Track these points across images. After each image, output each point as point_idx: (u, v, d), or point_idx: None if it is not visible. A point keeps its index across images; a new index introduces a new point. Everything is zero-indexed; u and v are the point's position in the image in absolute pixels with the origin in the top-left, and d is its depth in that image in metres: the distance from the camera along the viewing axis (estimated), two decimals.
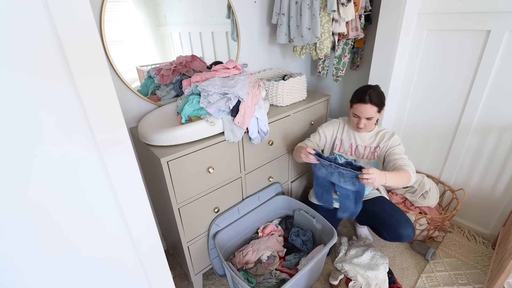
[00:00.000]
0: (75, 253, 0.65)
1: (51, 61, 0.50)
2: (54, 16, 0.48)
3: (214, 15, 1.52)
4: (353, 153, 1.52)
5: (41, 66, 0.50)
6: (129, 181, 0.67)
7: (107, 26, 1.17)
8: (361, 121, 1.40)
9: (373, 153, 1.47)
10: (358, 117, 1.40)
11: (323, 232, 1.51)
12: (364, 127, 1.41)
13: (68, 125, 0.55)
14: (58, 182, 0.57)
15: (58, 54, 0.51)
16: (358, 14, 1.62)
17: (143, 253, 0.77)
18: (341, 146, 1.55)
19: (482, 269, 1.56)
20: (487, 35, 1.41)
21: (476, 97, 1.54)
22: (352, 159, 1.51)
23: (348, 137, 1.53)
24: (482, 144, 1.61)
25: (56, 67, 0.51)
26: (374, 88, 1.37)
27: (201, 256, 1.44)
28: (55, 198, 0.58)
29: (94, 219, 0.65)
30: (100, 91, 0.57)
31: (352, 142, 1.52)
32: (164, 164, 1.11)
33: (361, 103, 1.36)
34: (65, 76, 0.52)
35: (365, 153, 1.49)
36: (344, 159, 1.53)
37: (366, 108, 1.35)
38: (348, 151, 1.53)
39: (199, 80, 1.28)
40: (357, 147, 1.50)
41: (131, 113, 1.37)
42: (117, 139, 0.62)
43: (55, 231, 0.60)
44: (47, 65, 0.50)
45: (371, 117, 1.37)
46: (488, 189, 1.67)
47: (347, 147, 1.53)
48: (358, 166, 1.21)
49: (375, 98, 1.34)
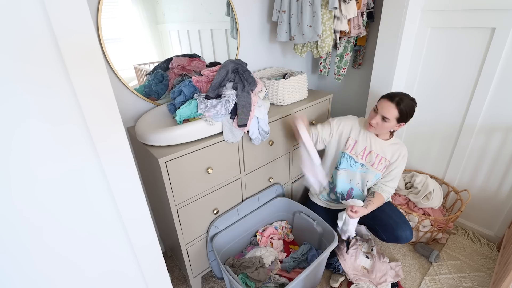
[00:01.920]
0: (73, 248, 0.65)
1: (46, 59, 0.50)
2: (49, 13, 0.48)
3: (214, 13, 1.52)
4: (364, 157, 1.48)
5: (35, 64, 0.50)
6: (126, 181, 0.67)
7: (104, 23, 1.17)
8: (375, 117, 1.36)
9: (383, 165, 1.46)
10: (375, 112, 1.38)
11: (324, 235, 1.51)
12: (375, 125, 1.38)
13: (63, 126, 0.55)
14: (54, 184, 0.57)
15: (54, 52, 0.50)
16: (360, 12, 1.62)
17: (141, 255, 0.77)
18: (354, 148, 1.50)
19: (487, 271, 1.56)
20: (492, 33, 1.41)
21: (480, 96, 1.54)
22: (361, 164, 1.49)
23: (364, 140, 1.48)
24: (487, 144, 1.61)
25: (52, 65, 0.51)
26: (410, 98, 1.34)
27: (200, 259, 1.44)
28: (52, 200, 0.58)
29: (89, 218, 0.65)
30: (97, 90, 0.57)
31: (366, 145, 1.47)
32: (162, 165, 1.11)
33: (388, 100, 1.34)
34: (61, 74, 0.52)
35: (376, 161, 1.46)
36: (353, 161, 1.50)
37: (389, 106, 1.32)
38: (360, 154, 1.49)
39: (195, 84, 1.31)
40: (370, 153, 1.46)
41: (128, 113, 1.37)
42: (114, 139, 0.62)
43: (52, 231, 0.60)
44: (42, 63, 0.50)
45: (388, 118, 1.33)
46: (493, 190, 1.67)
47: (359, 150, 1.49)
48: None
49: (404, 105, 1.31)
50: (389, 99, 1.34)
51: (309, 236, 1.59)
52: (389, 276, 1.48)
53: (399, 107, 1.31)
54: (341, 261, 1.52)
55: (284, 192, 1.74)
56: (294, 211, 1.67)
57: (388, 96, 1.35)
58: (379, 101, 1.39)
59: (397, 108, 1.31)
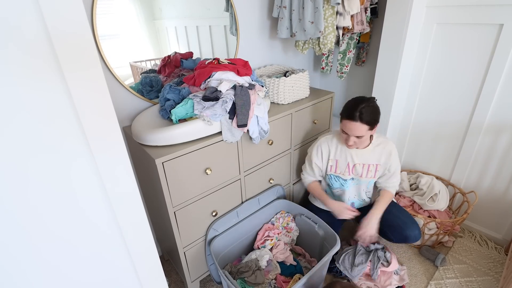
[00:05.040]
0: (66, 254, 0.65)
1: (39, 56, 0.50)
2: (43, 8, 0.48)
3: (212, 8, 1.52)
4: (350, 172, 1.49)
5: (28, 60, 0.49)
6: (122, 183, 0.67)
7: (99, 19, 1.17)
8: (350, 139, 1.33)
9: (373, 172, 1.47)
10: (347, 134, 1.34)
11: (325, 238, 1.51)
12: (354, 144, 1.36)
13: (57, 124, 0.55)
14: (48, 184, 0.57)
15: (47, 49, 0.50)
16: (363, 7, 1.62)
17: (137, 258, 0.77)
18: (337, 167, 1.50)
19: (495, 276, 1.56)
20: (499, 29, 1.41)
21: (488, 94, 1.53)
22: (350, 178, 1.50)
23: (344, 156, 1.47)
24: (494, 144, 1.61)
25: (45, 62, 0.51)
26: (367, 102, 1.27)
27: (198, 262, 1.44)
28: (45, 200, 0.58)
29: (84, 221, 0.65)
30: (91, 88, 0.57)
31: (348, 161, 1.47)
32: (159, 165, 1.10)
33: (350, 120, 1.28)
34: (54, 72, 0.52)
35: (364, 171, 1.47)
36: (342, 180, 1.51)
37: (355, 126, 1.28)
38: (345, 171, 1.49)
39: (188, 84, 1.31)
40: (355, 166, 1.46)
41: (124, 112, 1.37)
42: (109, 138, 0.62)
43: (46, 232, 0.60)
44: (34, 59, 0.50)
45: (361, 135, 1.31)
46: (501, 192, 1.67)
47: (343, 168, 1.49)
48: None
49: (367, 115, 1.25)
50: (350, 119, 1.28)
51: (311, 240, 1.59)
52: (393, 280, 1.48)
53: (364, 121, 1.26)
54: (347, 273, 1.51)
55: (285, 193, 1.73)
56: (295, 213, 1.67)
57: (348, 116, 1.29)
58: (342, 122, 1.34)
59: (363, 123, 1.27)
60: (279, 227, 1.64)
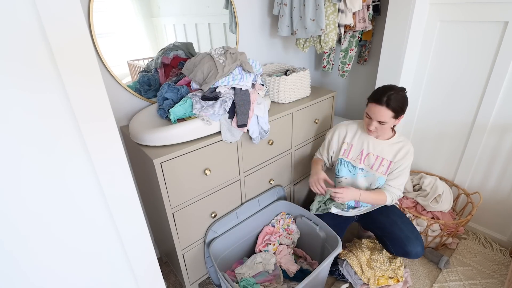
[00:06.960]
0: (61, 256, 0.65)
1: (34, 54, 0.50)
2: (38, 6, 0.48)
3: (211, 5, 1.52)
4: (362, 161, 1.47)
5: (23, 59, 0.49)
6: (119, 183, 0.67)
7: (96, 17, 1.17)
8: (372, 123, 1.34)
9: (386, 167, 1.43)
10: (370, 118, 1.36)
11: (327, 240, 1.50)
12: (375, 130, 1.36)
13: (53, 123, 0.55)
14: (43, 184, 0.57)
15: (43, 47, 0.50)
16: (365, 4, 1.62)
17: (134, 261, 0.77)
18: (350, 152, 1.49)
19: (499, 278, 1.56)
20: (504, 26, 1.41)
21: (492, 94, 1.53)
22: (360, 168, 1.47)
23: (360, 143, 1.47)
24: (499, 144, 1.61)
25: (41, 61, 0.51)
26: (396, 91, 1.30)
27: (197, 265, 1.44)
28: (40, 201, 0.58)
29: (80, 222, 0.65)
30: (88, 87, 0.56)
31: (363, 148, 1.46)
32: (157, 166, 1.10)
33: (376, 104, 1.30)
34: (51, 70, 0.52)
35: (376, 164, 1.44)
36: (351, 166, 1.49)
37: (380, 110, 1.29)
38: (357, 158, 1.48)
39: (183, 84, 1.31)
40: (368, 155, 1.45)
41: (121, 111, 1.37)
42: (106, 138, 0.62)
43: (41, 233, 0.60)
44: (30, 58, 0.50)
45: (384, 121, 1.31)
46: (505, 193, 1.67)
47: (356, 154, 1.48)
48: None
49: (394, 102, 1.27)
50: (376, 103, 1.30)
51: (312, 242, 1.59)
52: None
53: (391, 107, 1.28)
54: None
55: (285, 194, 1.73)
56: (296, 215, 1.67)
57: (374, 99, 1.31)
58: (368, 105, 1.36)
59: (389, 108, 1.28)
60: (279, 229, 1.64)
